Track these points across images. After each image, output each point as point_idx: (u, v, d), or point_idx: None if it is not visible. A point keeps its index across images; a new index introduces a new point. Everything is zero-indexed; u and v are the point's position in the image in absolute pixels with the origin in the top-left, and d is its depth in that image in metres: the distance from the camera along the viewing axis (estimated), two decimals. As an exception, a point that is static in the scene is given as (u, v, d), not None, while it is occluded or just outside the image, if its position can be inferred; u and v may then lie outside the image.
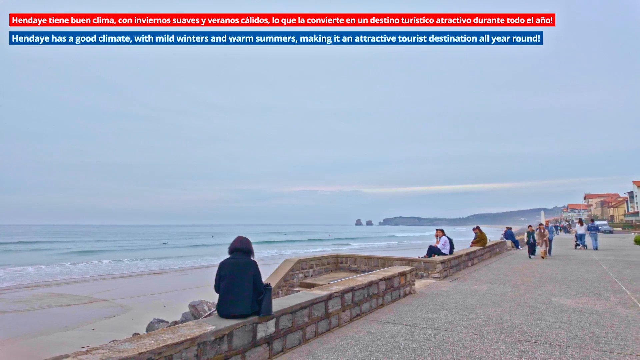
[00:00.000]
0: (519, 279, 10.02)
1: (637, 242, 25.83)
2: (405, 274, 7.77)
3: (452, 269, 11.03)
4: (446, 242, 11.41)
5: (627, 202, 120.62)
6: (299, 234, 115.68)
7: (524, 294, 7.90)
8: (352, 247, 52.19)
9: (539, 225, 16.91)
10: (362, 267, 11.34)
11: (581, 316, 5.93)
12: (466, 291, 8.27)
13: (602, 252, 18.57)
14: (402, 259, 10.54)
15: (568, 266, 12.79)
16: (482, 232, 15.96)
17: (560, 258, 15.71)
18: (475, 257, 14.13)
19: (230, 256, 4.08)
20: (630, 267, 12.45)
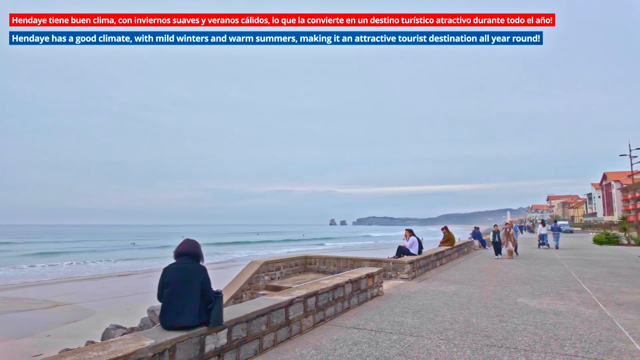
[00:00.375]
0: (486, 279, 10.05)
1: (596, 241, 27.00)
2: (373, 275, 7.56)
3: (420, 269, 10.96)
4: (414, 242, 11.34)
5: (586, 204, 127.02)
6: (272, 234, 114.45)
7: (490, 294, 7.87)
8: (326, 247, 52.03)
9: (505, 225, 16.91)
10: (331, 268, 11.09)
11: (546, 317, 5.89)
12: (434, 292, 8.16)
13: (563, 251, 19.19)
14: (371, 260, 10.37)
15: (533, 266, 13.03)
16: (450, 232, 16.10)
17: (526, 257, 16.06)
18: (444, 257, 14.19)
19: (175, 261, 3.69)
20: (590, 266, 12.81)
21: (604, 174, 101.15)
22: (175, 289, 3.48)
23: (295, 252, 36.69)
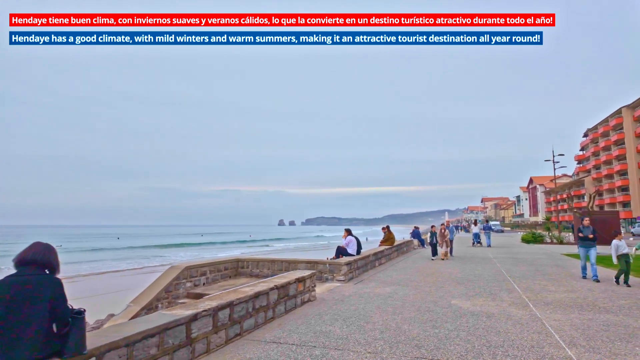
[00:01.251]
0: (422, 279, 9.87)
1: (524, 240, 28.78)
2: (304, 279, 6.93)
3: (358, 270, 10.56)
4: (351, 242, 10.92)
5: (515, 205, 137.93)
6: (217, 236, 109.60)
7: (425, 296, 7.58)
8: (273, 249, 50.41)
9: (441, 225, 16.51)
10: (265, 271, 10.32)
11: (478, 321, 5.62)
12: (368, 295, 7.73)
13: (495, 250, 20.05)
14: (307, 262, 9.77)
15: (467, 265, 13.22)
16: (391, 232, 16.01)
17: (461, 257, 16.41)
18: (383, 256, 14.01)
19: (15, 272, 2.76)
20: (519, 264, 13.26)
21: (531, 178, 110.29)
22: (6, 312, 2.55)
23: (237, 255, 35.40)
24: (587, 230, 9.67)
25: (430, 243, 16.12)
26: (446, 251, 15.42)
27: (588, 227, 9.73)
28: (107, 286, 19.67)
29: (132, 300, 7.93)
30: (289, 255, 31.04)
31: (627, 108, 57.58)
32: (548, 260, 14.64)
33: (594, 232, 9.68)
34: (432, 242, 15.99)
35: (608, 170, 64.13)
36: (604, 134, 65.89)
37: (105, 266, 31.42)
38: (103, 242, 76.03)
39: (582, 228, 9.78)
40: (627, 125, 57.52)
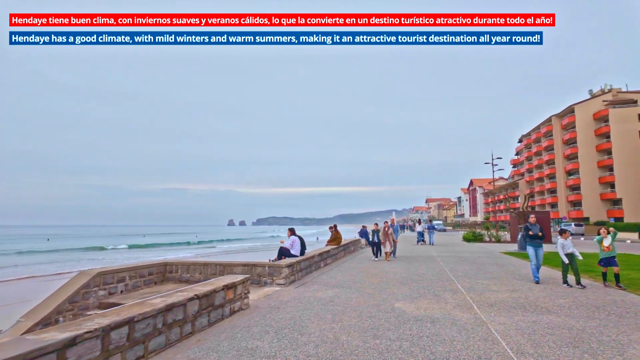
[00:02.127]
0: (366, 280, 9.42)
1: (465, 239, 29.88)
2: (235, 285, 6.12)
3: (301, 272, 9.90)
4: (295, 242, 10.25)
5: (457, 206, 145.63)
6: (161, 236, 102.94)
7: (367, 299, 7.08)
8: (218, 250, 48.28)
9: (385, 223, 14.96)
10: (196, 276, 9.32)
11: (422, 328, 5.16)
12: (309, 300, 7.08)
13: (439, 248, 20.42)
14: (244, 264, 8.93)
15: (412, 264, 13.08)
16: (338, 231, 15.57)
17: (406, 256, 16.34)
18: (329, 256, 13.49)
19: None
20: (461, 263, 13.35)
21: (471, 180, 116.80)
22: None
23: (166, 258, 33.39)
24: (535, 228, 9.00)
25: (372, 243, 14.91)
26: (389, 251, 14.39)
27: (536, 225, 9.08)
28: (18, 294, 17.31)
29: (24, 315, 6.59)
30: (227, 258, 29.77)
31: (556, 117, 62.58)
32: (488, 258, 14.96)
33: (542, 230, 9.08)
34: (374, 242, 14.78)
35: (539, 174, 69.34)
36: (536, 140, 71.14)
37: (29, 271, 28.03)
38: (31, 243, 68.81)
39: (530, 226, 9.05)
40: (556, 133, 62.49)
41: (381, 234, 14.35)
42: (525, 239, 9.21)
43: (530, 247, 9.04)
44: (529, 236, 9.02)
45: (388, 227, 14.35)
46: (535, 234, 8.92)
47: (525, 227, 9.10)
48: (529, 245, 9.08)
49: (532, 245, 9.00)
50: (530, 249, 9.06)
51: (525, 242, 9.10)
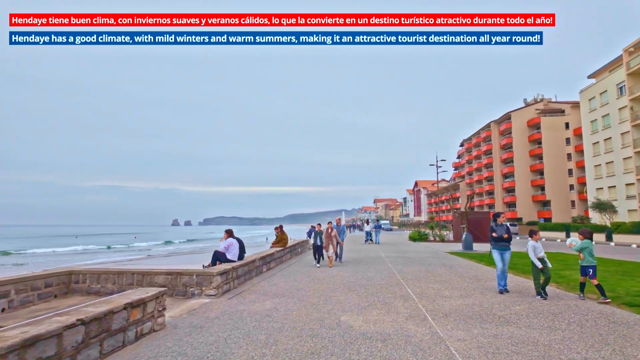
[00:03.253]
0: (311, 287, 8.52)
1: (411, 238, 30.21)
2: (145, 302, 4.89)
3: (239, 279, 8.76)
4: (232, 245, 9.07)
5: (402, 206, 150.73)
6: (95, 237, 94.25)
7: (311, 311, 6.16)
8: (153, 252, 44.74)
9: (328, 224, 13.13)
10: (109, 287, 7.83)
11: (372, 349, 4.32)
12: (241, 315, 6.00)
13: (386, 248, 20.14)
14: (168, 273, 7.60)
15: (360, 266, 12.41)
16: (284, 232, 14.54)
17: (354, 257, 15.71)
18: (273, 260, 12.42)
19: None
20: (409, 264, 12.93)
21: (416, 182, 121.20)
22: None
23: (71, 266, 30.47)
24: (501, 229, 7.82)
25: (314, 245, 12.95)
26: (332, 256, 12.65)
27: (502, 226, 7.88)
28: None
29: None
30: (155, 263, 27.62)
31: (495, 123, 66.36)
32: (435, 259, 14.74)
33: (509, 232, 7.85)
34: (316, 245, 12.84)
35: (478, 177, 73.23)
36: (476, 144, 75.07)
37: None
38: None
39: (495, 227, 7.88)
40: (494, 138, 66.25)
41: (324, 236, 12.62)
42: (490, 242, 7.99)
43: (495, 251, 7.83)
44: (493, 239, 7.83)
45: (332, 229, 12.70)
46: (500, 236, 7.74)
47: (490, 228, 7.95)
48: (494, 249, 7.86)
49: (498, 248, 7.80)
50: (495, 253, 7.82)
51: (490, 244, 7.93)
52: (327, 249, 12.47)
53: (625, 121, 38.16)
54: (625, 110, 38.25)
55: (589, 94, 44.38)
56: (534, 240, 7.35)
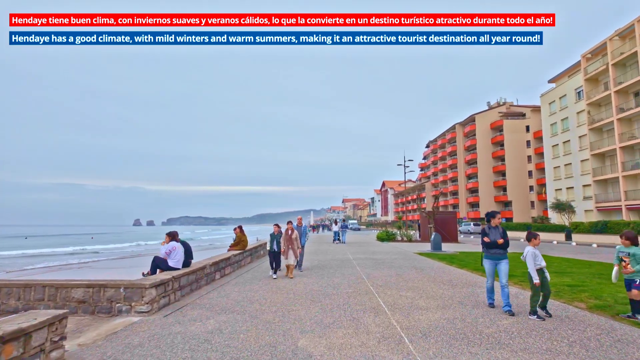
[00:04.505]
0: (268, 297, 7.35)
1: (379, 238, 29.63)
2: (27, 334, 3.55)
3: (181, 290, 7.43)
4: (175, 250, 7.72)
5: (370, 206, 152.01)
6: (49, 238, 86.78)
7: (263, 333, 5.00)
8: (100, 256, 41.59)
9: (288, 224, 10.74)
10: (11, 303, 6.25)
11: (337, 394, 3.24)
12: (173, 340, 4.75)
13: (354, 249, 19.24)
14: (89, 285, 6.16)
15: (325, 270, 11.36)
16: (243, 234, 13.23)
17: (320, 259, 14.66)
18: (229, 265, 11.11)
19: None
20: (379, 267, 12.05)
21: (383, 182, 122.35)
22: None
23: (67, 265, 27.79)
24: (495, 233, 6.29)
25: (270, 252, 10.44)
26: (293, 264, 10.29)
27: (496, 229, 6.35)
28: None
29: None
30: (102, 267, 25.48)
31: (460, 125, 67.66)
32: (405, 261, 13.96)
33: (505, 236, 6.25)
34: (272, 251, 10.38)
35: (443, 177, 74.52)
36: (441, 145, 76.37)
37: None
38: None
39: (487, 230, 6.38)
40: (459, 139, 67.53)
41: (282, 239, 10.35)
42: (482, 247, 6.48)
43: (487, 261, 6.36)
44: (485, 244, 6.32)
45: (292, 230, 10.51)
46: (493, 241, 6.20)
47: (481, 231, 6.50)
48: (486, 258, 6.37)
49: (490, 257, 6.29)
50: (487, 262, 6.35)
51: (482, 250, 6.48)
52: (286, 255, 10.20)
53: (582, 125, 39.58)
54: (583, 114, 39.68)
55: (549, 98, 45.86)
56: (533, 246, 5.88)
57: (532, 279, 5.64)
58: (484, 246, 6.37)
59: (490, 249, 6.27)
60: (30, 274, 19.75)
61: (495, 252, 6.23)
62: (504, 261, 6.22)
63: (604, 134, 37.58)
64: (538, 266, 5.71)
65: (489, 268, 6.33)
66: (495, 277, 6.41)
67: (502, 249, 6.20)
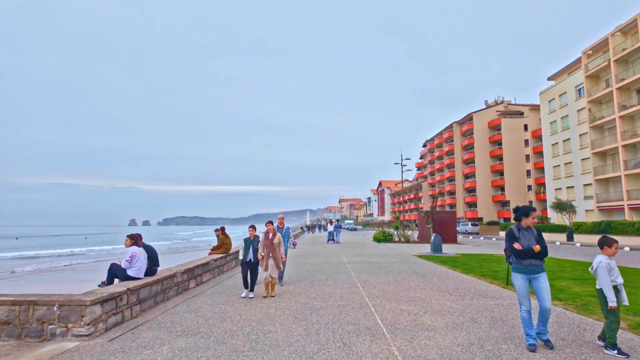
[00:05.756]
0: (243, 313, 6.18)
1: (375, 239, 28.52)
2: None
3: (141, 304, 6.25)
4: (135, 257, 6.52)
5: (367, 206, 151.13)
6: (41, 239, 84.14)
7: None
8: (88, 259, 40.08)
9: (267, 224, 8.10)
10: None
11: None
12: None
13: (349, 250, 18.11)
14: (15, 302, 4.94)
15: (316, 276, 10.21)
16: (226, 235, 12.03)
17: (312, 263, 13.50)
18: (207, 271, 9.92)
19: None
20: (375, 273, 10.91)
21: (380, 182, 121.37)
22: None
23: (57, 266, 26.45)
24: (527, 237, 4.46)
25: (242, 262, 7.87)
26: (270, 278, 7.63)
27: (529, 230, 4.52)
28: None
29: None
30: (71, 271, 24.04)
31: (457, 123, 66.73)
32: (404, 265, 12.83)
33: (542, 240, 4.46)
34: (245, 262, 7.83)
35: (440, 177, 73.56)
36: (438, 145, 75.41)
37: None
38: None
39: (516, 232, 4.52)
40: (456, 138, 66.60)
41: (260, 244, 7.83)
42: (509, 257, 4.65)
43: (518, 276, 4.48)
44: (515, 253, 4.43)
45: (274, 233, 7.90)
46: (527, 249, 4.36)
47: (508, 234, 4.60)
48: (516, 272, 4.52)
49: (523, 270, 4.45)
50: (518, 278, 4.47)
51: (509, 261, 4.69)
52: (265, 266, 7.63)
53: (583, 123, 38.69)
54: (583, 112, 38.79)
55: (549, 95, 44.96)
56: (608, 255, 4.32)
57: (608, 301, 4.13)
58: (513, 255, 4.49)
59: (522, 259, 4.41)
60: None
61: (531, 263, 4.39)
62: (542, 275, 4.43)
63: (606, 132, 36.71)
64: (614, 283, 4.18)
65: (521, 287, 4.44)
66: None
67: (539, 259, 4.39)
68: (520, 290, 4.45)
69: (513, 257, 4.55)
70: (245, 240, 8.02)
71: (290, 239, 9.67)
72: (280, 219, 9.72)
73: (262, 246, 7.81)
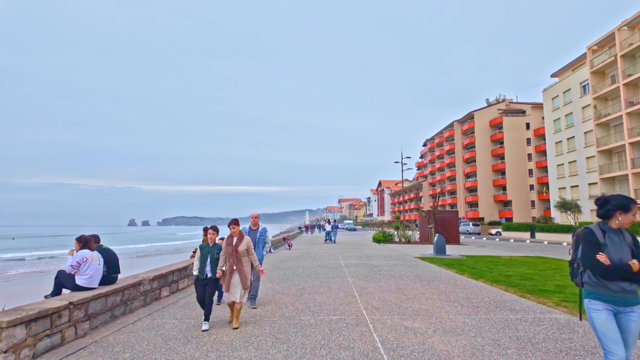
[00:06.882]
0: (213, 333, 5.10)
1: (375, 239, 27.43)
2: None
3: (90, 321, 5.16)
4: (86, 262, 5.43)
5: (366, 206, 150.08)
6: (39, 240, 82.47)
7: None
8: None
9: (231, 226, 5.63)
10: None
11: None
12: None
13: (347, 252, 17.04)
14: None
15: (308, 282, 9.14)
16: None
17: (305, 266, 12.42)
18: (185, 276, 8.83)
19: None
20: (375, 278, 9.85)
21: (379, 182, 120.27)
22: None
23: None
24: (618, 244, 2.75)
25: (197, 280, 5.63)
26: (236, 300, 5.38)
27: (620, 234, 2.78)
28: None
29: None
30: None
31: (458, 122, 65.66)
32: (405, 268, 11.76)
33: (638, 249, 2.74)
34: (201, 278, 5.55)
35: (441, 176, 72.47)
36: (439, 144, 74.33)
37: None
38: None
39: (599, 235, 2.78)
40: (457, 137, 65.52)
41: (222, 253, 5.57)
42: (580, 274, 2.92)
43: (598, 305, 2.78)
44: (598, 269, 2.72)
45: (240, 237, 5.67)
46: (619, 263, 2.68)
47: (585, 237, 2.83)
48: (595, 300, 2.80)
49: (608, 299, 2.75)
50: (599, 311, 2.76)
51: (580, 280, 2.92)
52: (227, 285, 5.44)
53: (588, 120, 37.65)
54: (588, 109, 37.76)
55: (552, 92, 43.91)
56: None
57: None
58: (593, 270, 2.76)
59: (608, 281, 2.73)
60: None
61: (624, 289, 2.71)
62: (637, 310, 2.74)
63: (612, 130, 35.65)
64: None
65: (605, 324, 2.72)
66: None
67: (637, 283, 2.71)
68: (603, 330, 2.71)
69: (589, 275, 2.84)
70: (201, 246, 5.68)
71: (267, 245, 7.06)
72: (253, 217, 7.24)
73: (224, 254, 5.51)
